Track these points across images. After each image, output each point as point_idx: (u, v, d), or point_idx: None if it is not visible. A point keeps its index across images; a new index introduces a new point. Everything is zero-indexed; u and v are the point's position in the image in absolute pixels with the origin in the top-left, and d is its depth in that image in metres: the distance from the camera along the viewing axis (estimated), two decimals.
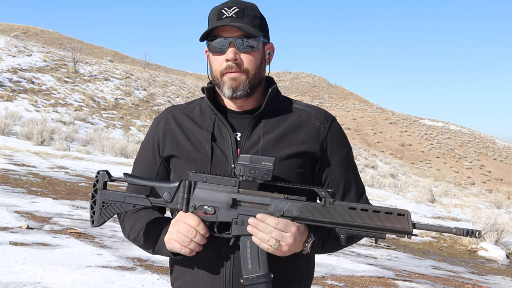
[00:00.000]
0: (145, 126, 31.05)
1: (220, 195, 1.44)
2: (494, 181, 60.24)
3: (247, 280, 1.42)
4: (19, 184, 9.30)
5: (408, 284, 5.90)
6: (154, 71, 58.89)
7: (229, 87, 1.52)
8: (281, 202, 1.42)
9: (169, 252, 1.49)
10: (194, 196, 1.45)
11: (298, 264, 1.56)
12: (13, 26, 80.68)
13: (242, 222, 1.42)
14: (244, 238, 1.43)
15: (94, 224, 1.52)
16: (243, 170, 1.41)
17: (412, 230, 1.36)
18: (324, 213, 1.40)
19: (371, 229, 1.38)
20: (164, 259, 5.38)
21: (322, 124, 1.59)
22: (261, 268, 1.42)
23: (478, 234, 1.33)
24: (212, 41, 1.54)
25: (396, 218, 1.36)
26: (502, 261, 8.42)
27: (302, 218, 1.41)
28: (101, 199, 1.51)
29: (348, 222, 1.38)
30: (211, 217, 1.43)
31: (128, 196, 1.51)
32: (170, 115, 1.65)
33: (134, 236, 1.58)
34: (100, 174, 1.52)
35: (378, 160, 48.71)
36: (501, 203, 18.96)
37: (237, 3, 1.54)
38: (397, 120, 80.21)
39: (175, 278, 1.62)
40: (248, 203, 1.43)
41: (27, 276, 4.28)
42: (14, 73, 31.96)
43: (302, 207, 1.41)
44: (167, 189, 1.47)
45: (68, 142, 19.52)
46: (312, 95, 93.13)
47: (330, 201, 1.40)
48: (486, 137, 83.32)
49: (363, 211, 1.38)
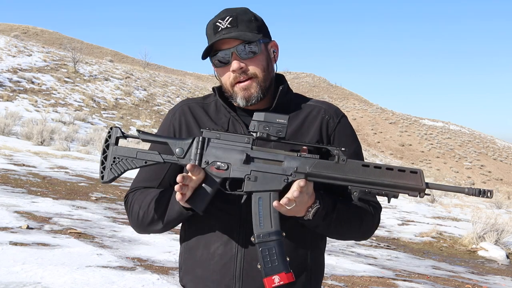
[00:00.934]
0: (145, 126, 31.04)
1: (233, 152, 1.43)
2: (494, 181, 60.24)
3: (259, 238, 1.40)
4: (19, 184, 9.30)
5: (408, 284, 5.90)
6: (154, 71, 58.89)
7: (242, 98, 1.53)
8: (294, 159, 1.41)
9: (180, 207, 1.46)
10: (207, 152, 1.44)
11: (307, 262, 1.56)
12: (13, 26, 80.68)
13: (255, 178, 1.41)
14: (256, 194, 1.41)
15: (104, 180, 1.49)
16: (257, 126, 1.40)
17: (425, 187, 1.34)
18: (337, 170, 1.38)
19: (385, 186, 1.36)
20: (164, 259, 5.39)
21: (331, 119, 1.60)
22: (273, 226, 1.40)
23: (490, 194, 1.31)
24: (214, 55, 1.55)
25: (409, 175, 1.35)
26: (502, 261, 8.42)
27: (316, 174, 1.39)
28: (112, 154, 1.48)
29: (361, 179, 1.37)
30: (224, 172, 1.42)
31: (140, 151, 1.48)
32: (186, 107, 1.67)
33: (144, 211, 1.55)
34: (113, 130, 1.50)
35: (378, 160, 48.70)
36: (501, 203, 18.95)
37: (229, 13, 1.54)
38: (397, 120, 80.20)
39: (184, 273, 1.61)
40: (262, 160, 1.42)
41: (27, 276, 4.28)
42: (14, 73, 31.96)
43: (315, 163, 1.40)
44: (180, 145, 1.46)
45: (68, 142, 19.52)
46: (312, 95, 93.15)
47: (344, 158, 1.38)
48: (486, 137, 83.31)
49: (376, 168, 1.37)
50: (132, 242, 6.04)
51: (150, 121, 32.94)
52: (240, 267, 1.51)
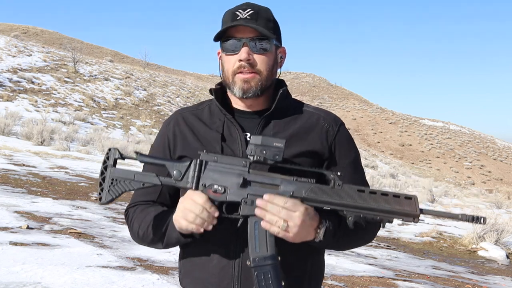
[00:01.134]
0: (145, 126, 31.05)
1: (230, 175, 1.43)
2: (494, 181, 60.24)
3: (254, 262, 1.41)
4: (19, 184, 9.30)
5: (408, 284, 5.90)
6: (154, 71, 58.89)
7: (240, 88, 1.53)
8: (290, 183, 1.42)
9: (178, 235, 1.47)
10: (205, 175, 1.44)
11: (307, 264, 1.56)
12: (13, 26, 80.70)
13: (251, 202, 1.41)
14: (253, 218, 1.42)
15: (102, 201, 1.49)
16: (254, 150, 1.41)
17: (419, 213, 1.36)
18: (333, 195, 1.39)
19: (379, 212, 1.38)
20: (164, 259, 5.38)
21: (331, 127, 1.60)
22: (268, 250, 1.41)
23: (483, 221, 1.34)
24: (225, 41, 1.55)
25: (404, 202, 1.37)
26: (502, 261, 8.42)
27: (312, 199, 1.40)
28: (110, 176, 1.49)
29: (357, 204, 1.38)
30: (220, 196, 1.42)
31: (137, 174, 1.49)
32: (180, 117, 1.66)
33: (143, 231, 1.56)
34: (111, 151, 1.50)
35: (378, 160, 48.70)
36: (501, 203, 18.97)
37: (251, 6, 1.55)
38: (397, 120, 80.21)
39: (183, 276, 1.62)
40: (258, 183, 1.42)
41: (27, 276, 4.28)
42: (14, 73, 31.96)
43: (311, 188, 1.40)
44: (177, 167, 1.46)
45: (68, 142, 19.52)
46: (312, 95, 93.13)
47: (339, 183, 1.40)
48: (486, 137, 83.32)
49: (371, 194, 1.38)
50: (132, 242, 6.04)
51: (150, 121, 32.94)
52: (239, 270, 1.51)
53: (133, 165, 12.74)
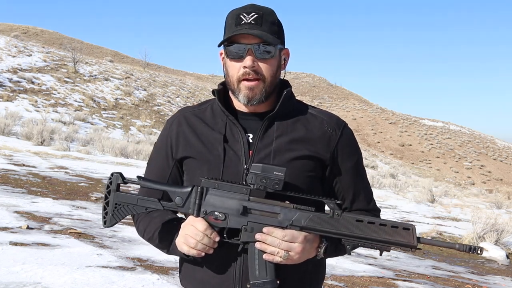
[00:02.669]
0: (145, 126, 31.06)
1: (231, 202, 1.46)
2: (494, 181, 60.23)
3: (254, 286, 1.45)
4: (19, 184, 9.30)
5: (408, 284, 5.90)
6: (154, 71, 58.89)
7: (245, 96, 1.53)
8: (290, 211, 1.45)
9: (182, 254, 1.52)
10: (206, 202, 1.47)
11: (308, 266, 1.56)
12: (13, 26, 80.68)
13: (251, 229, 1.45)
14: (253, 244, 1.45)
15: (106, 225, 1.55)
16: (254, 179, 1.43)
17: (416, 244, 1.40)
18: (331, 224, 1.43)
19: (377, 242, 1.41)
20: (164, 259, 5.39)
21: (334, 131, 1.59)
22: (268, 274, 1.45)
23: (480, 251, 1.37)
24: (229, 46, 1.53)
25: (402, 232, 1.40)
26: (502, 261, 8.42)
27: (310, 228, 1.43)
28: (114, 201, 1.54)
29: (354, 234, 1.42)
30: (221, 223, 1.46)
31: (140, 199, 1.54)
32: (181, 117, 1.66)
33: (149, 236, 1.61)
34: (114, 177, 1.55)
35: (378, 160, 48.70)
36: (501, 203, 18.96)
37: (255, 9, 1.53)
38: (397, 120, 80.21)
39: (184, 276, 1.63)
40: (258, 211, 1.46)
41: (27, 276, 4.28)
42: (14, 73, 31.96)
43: (310, 217, 1.44)
44: (179, 194, 1.49)
45: (68, 142, 19.52)
46: (312, 95, 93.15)
47: (338, 213, 1.43)
48: (486, 137, 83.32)
49: (370, 224, 1.42)
50: (132, 242, 6.04)
51: (150, 121, 32.94)
52: (240, 271, 1.51)
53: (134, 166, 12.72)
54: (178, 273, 1.71)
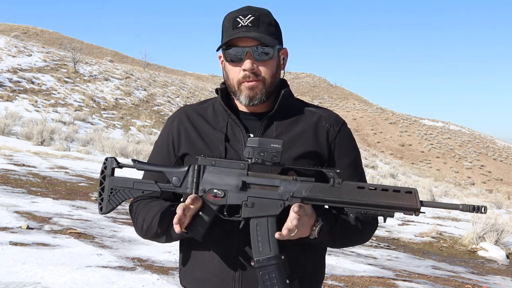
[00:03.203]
0: (145, 126, 31.04)
1: (229, 178, 1.44)
2: (494, 181, 60.21)
3: (258, 263, 1.41)
4: (19, 184, 9.30)
5: (408, 284, 5.90)
6: (154, 71, 58.88)
7: (246, 96, 1.53)
8: (290, 183, 1.42)
9: (176, 234, 1.48)
10: (204, 180, 1.45)
11: (307, 266, 1.56)
12: (13, 26, 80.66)
13: (252, 204, 1.42)
14: (254, 220, 1.43)
15: (102, 211, 1.51)
16: (252, 152, 1.41)
17: (420, 207, 1.37)
18: (333, 193, 1.40)
19: (380, 207, 1.38)
20: (164, 259, 5.39)
21: (332, 127, 1.60)
22: (271, 250, 1.42)
23: (484, 210, 1.34)
24: (228, 49, 1.53)
25: (404, 196, 1.38)
26: (502, 261, 8.42)
27: (312, 198, 1.41)
28: (109, 186, 1.50)
29: (357, 201, 1.39)
30: (221, 200, 1.43)
31: (136, 182, 1.50)
32: (183, 114, 1.66)
33: (147, 225, 1.56)
34: (108, 161, 1.51)
35: (378, 160, 48.70)
36: (501, 203, 18.96)
37: (252, 11, 1.53)
38: (397, 120, 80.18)
39: (184, 276, 1.62)
40: (258, 185, 1.43)
41: (27, 276, 4.28)
42: (14, 73, 31.95)
43: (311, 187, 1.41)
44: (176, 174, 1.47)
45: (68, 142, 19.51)
46: (312, 95, 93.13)
47: (339, 181, 1.41)
48: (486, 137, 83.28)
49: (371, 190, 1.39)
50: (132, 242, 6.04)
51: (150, 121, 32.93)
52: (240, 270, 1.51)
53: None
54: (178, 273, 1.71)
